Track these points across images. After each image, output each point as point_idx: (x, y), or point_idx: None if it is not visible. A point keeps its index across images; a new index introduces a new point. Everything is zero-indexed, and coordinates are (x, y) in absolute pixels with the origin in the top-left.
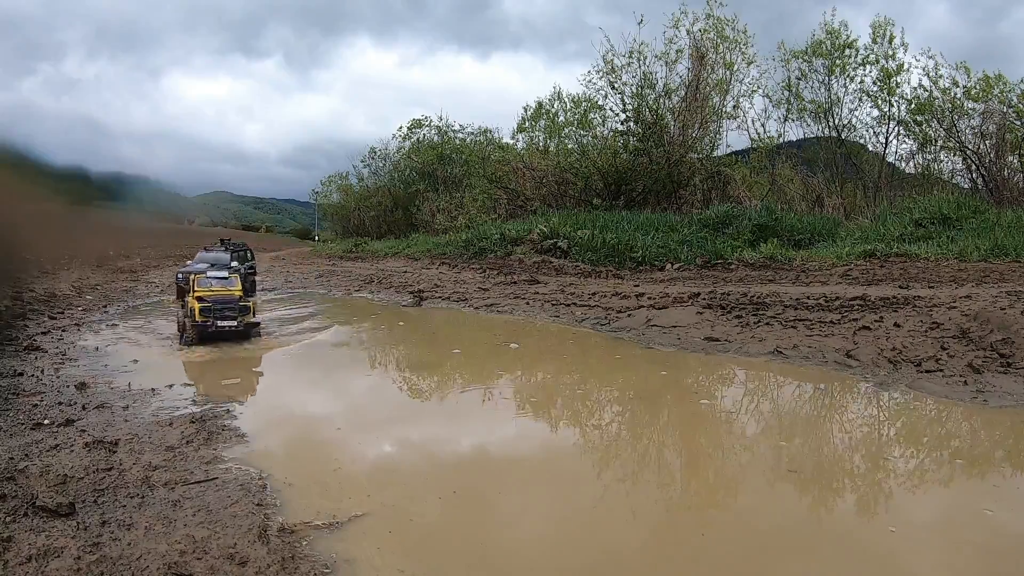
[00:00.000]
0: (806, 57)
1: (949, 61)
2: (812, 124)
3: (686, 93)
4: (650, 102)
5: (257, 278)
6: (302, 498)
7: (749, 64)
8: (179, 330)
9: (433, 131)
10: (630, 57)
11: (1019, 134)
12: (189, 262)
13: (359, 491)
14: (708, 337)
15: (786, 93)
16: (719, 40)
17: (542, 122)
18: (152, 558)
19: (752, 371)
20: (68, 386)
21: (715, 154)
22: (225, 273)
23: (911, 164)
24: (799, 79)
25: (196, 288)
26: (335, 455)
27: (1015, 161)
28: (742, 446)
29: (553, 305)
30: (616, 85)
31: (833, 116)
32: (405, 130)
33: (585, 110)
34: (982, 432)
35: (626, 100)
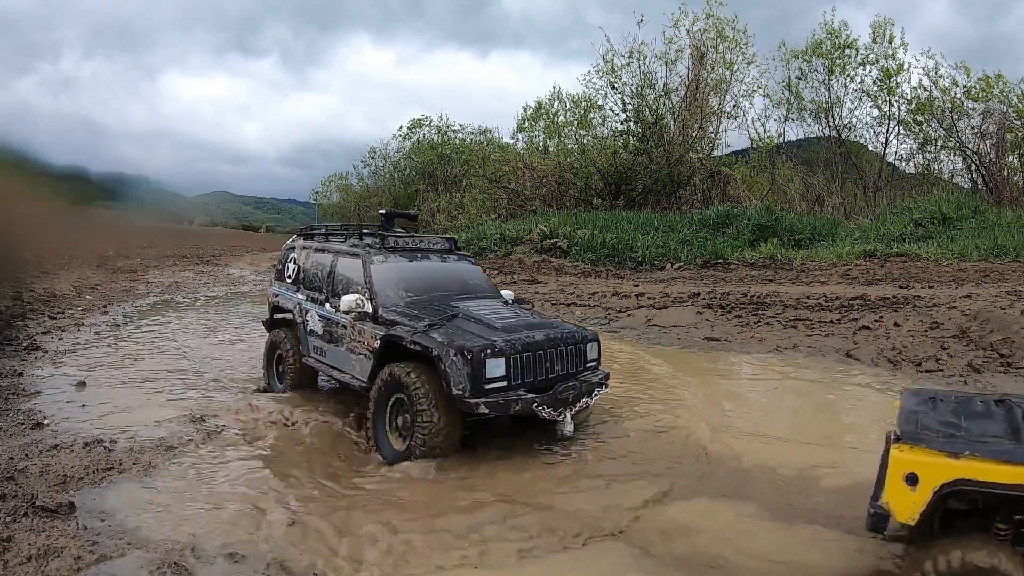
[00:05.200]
0: (806, 57)
1: (950, 59)
2: (812, 124)
3: (686, 93)
4: (650, 102)
5: (259, 278)
6: None
7: (749, 64)
8: None
9: (433, 131)
10: (630, 57)
11: (1019, 134)
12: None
13: None
14: (708, 337)
15: (786, 93)
16: (719, 40)
17: (542, 122)
18: (152, 557)
19: (754, 369)
20: (68, 385)
21: (715, 154)
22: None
23: (911, 164)
24: (799, 79)
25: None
26: None
27: (1015, 161)
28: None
29: (553, 305)
30: (616, 85)
31: (833, 116)
32: (405, 130)
33: (585, 110)
34: None
35: (626, 100)
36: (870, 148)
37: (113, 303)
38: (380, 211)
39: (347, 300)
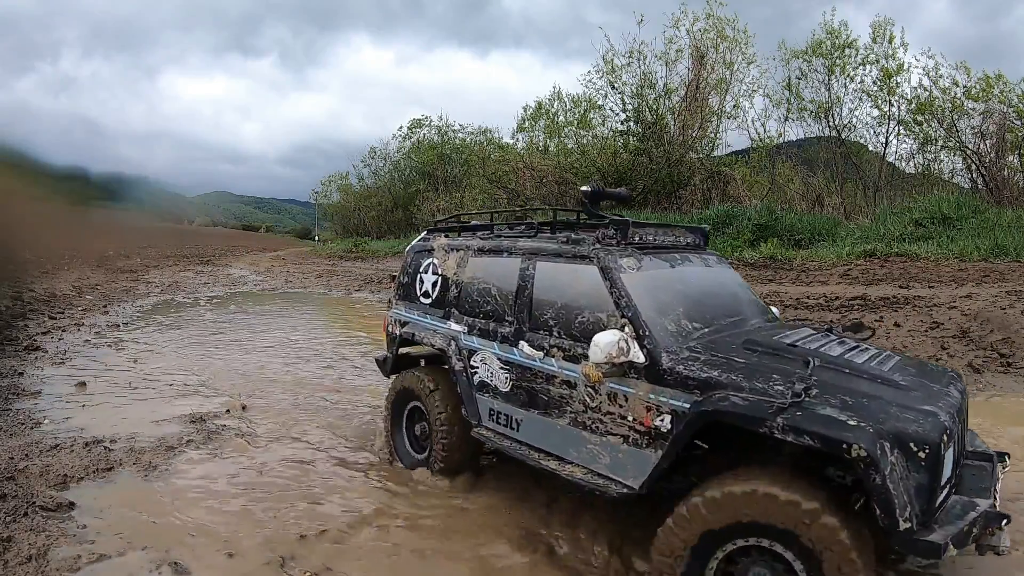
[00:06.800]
0: (806, 57)
1: (950, 59)
2: (812, 124)
3: (686, 93)
4: (650, 102)
5: (259, 278)
6: None
7: (749, 64)
8: None
9: (433, 131)
10: (630, 57)
11: (1019, 134)
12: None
13: None
14: None
15: (786, 93)
16: (719, 40)
17: (542, 122)
18: (152, 555)
19: None
20: (68, 385)
21: (715, 154)
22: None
23: (911, 164)
24: (799, 79)
25: None
26: None
27: (1015, 161)
28: None
29: None
30: (616, 85)
31: (833, 116)
32: (405, 130)
33: (585, 110)
34: None
35: (626, 100)
36: (870, 148)
37: (113, 303)
38: (583, 188)
39: (605, 341)
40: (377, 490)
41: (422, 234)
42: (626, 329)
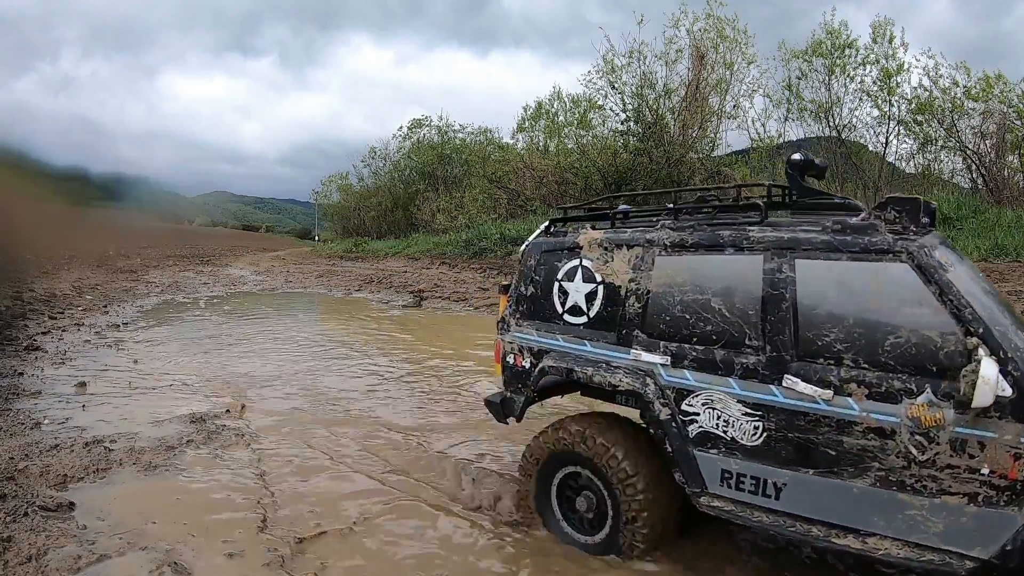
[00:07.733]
0: (806, 57)
1: (950, 59)
2: (812, 124)
3: (686, 93)
4: (650, 102)
5: (258, 278)
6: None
7: (749, 64)
8: None
9: (433, 131)
10: (630, 57)
11: (1019, 134)
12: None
13: None
14: None
15: (786, 93)
16: (719, 40)
17: (542, 122)
18: (152, 556)
19: None
20: (68, 385)
21: (715, 154)
22: None
23: (911, 164)
24: (799, 79)
25: None
26: None
27: (1015, 161)
28: None
29: None
30: (616, 85)
31: (833, 116)
32: (405, 130)
33: (585, 110)
34: None
35: (626, 100)
36: (870, 148)
37: (113, 303)
38: (793, 156)
39: (994, 374)
40: (378, 490)
41: (543, 225)
42: (980, 351)
